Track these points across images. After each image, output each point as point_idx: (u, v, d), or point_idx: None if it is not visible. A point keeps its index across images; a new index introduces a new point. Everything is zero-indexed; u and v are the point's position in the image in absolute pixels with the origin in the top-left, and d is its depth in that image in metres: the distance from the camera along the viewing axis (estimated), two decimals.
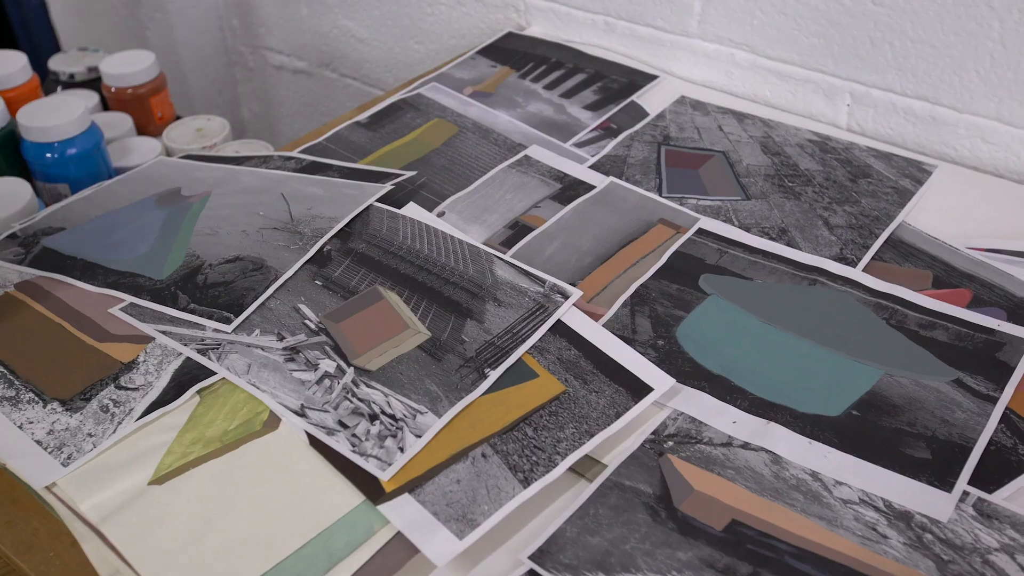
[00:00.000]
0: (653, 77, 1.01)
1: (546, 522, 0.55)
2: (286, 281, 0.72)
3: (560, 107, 0.97)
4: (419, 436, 0.59)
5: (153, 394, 0.63)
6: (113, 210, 0.82)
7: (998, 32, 0.81)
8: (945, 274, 0.73)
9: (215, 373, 0.64)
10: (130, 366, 0.65)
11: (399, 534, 0.54)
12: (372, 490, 0.56)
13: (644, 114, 0.95)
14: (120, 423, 0.61)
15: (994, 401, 0.61)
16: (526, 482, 0.56)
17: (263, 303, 0.70)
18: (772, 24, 0.94)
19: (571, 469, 0.57)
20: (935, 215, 0.79)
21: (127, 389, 0.63)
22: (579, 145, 0.91)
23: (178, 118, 1.16)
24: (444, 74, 1.05)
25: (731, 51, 0.98)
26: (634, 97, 0.98)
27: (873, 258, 0.74)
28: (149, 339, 0.67)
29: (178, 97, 1.24)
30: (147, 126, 1.11)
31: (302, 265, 0.73)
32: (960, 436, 0.59)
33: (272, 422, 0.61)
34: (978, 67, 0.83)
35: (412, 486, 0.56)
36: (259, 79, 1.58)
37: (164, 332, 0.67)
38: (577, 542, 0.53)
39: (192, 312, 0.69)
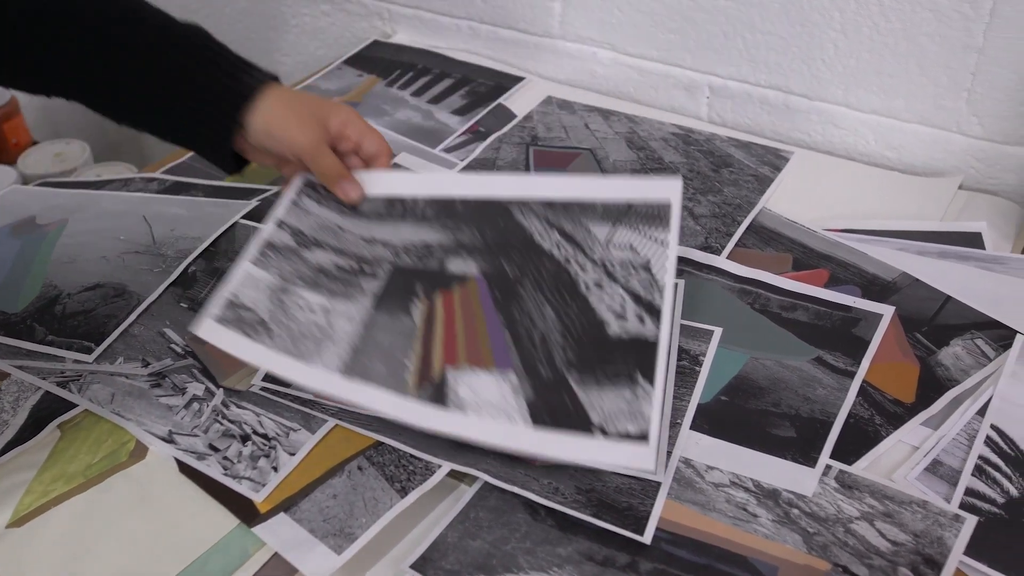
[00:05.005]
0: (519, 79, 1.02)
1: (427, 530, 0.55)
2: (150, 305, 0.70)
3: (428, 113, 0.97)
4: (293, 454, 0.58)
5: (9, 433, 0.60)
6: None
7: (839, 22, 0.84)
8: (804, 256, 0.75)
9: (76, 405, 0.62)
10: None
11: (276, 555, 0.53)
12: (246, 512, 0.55)
13: (511, 116, 0.96)
14: None
15: (852, 375, 0.63)
16: (404, 491, 0.56)
17: (126, 329, 0.68)
18: (630, 22, 0.96)
19: (450, 475, 0.57)
20: (793, 200, 0.82)
21: None
22: (448, 150, 0.91)
23: (35, 143, 1.11)
24: (310, 86, 1.04)
25: (593, 50, 1.00)
26: (501, 100, 0.98)
27: (736, 245, 0.76)
28: (4, 376, 0.64)
29: (37, 121, 1.19)
30: (0, 154, 1.07)
31: (166, 288, 0.72)
32: (822, 412, 0.61)
33: (139, 451, 0.59)
34: (823, 56, 0.86)
35: (287, 505, 0.55)
36: None
37: (20, 367, 0.65)
38: (459, 547, 0.53)
39: (50, 344, 0.67)
